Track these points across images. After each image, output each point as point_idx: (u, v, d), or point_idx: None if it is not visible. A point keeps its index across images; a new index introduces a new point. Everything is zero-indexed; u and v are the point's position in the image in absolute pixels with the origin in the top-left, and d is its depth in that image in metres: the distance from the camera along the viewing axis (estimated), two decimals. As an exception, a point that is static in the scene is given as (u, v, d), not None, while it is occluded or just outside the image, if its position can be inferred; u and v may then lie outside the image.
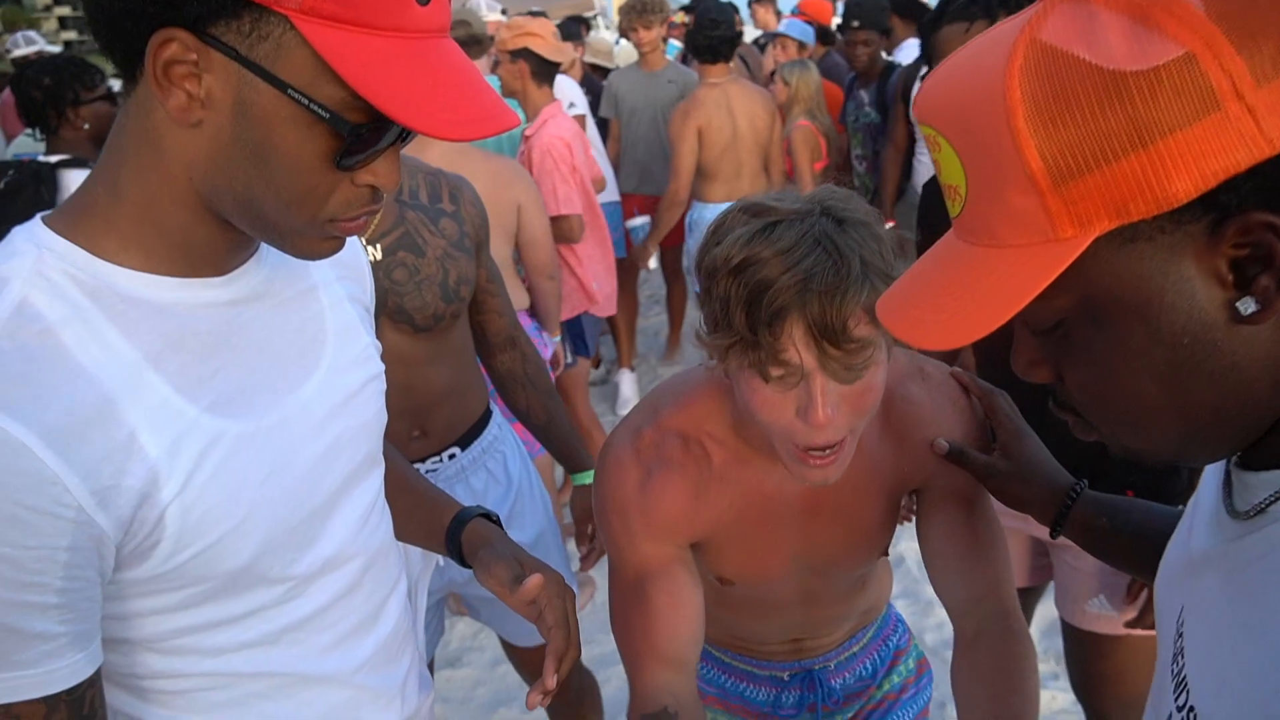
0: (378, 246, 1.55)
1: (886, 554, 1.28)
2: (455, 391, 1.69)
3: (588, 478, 1.82)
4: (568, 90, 4.01)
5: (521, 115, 3.18)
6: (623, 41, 4.93)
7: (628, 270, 4.31)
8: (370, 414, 0.95)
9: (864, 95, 4.19)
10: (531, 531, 1.79)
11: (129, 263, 0.75)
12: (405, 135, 0.73)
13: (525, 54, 3.07)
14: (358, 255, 1.00)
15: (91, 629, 0.74)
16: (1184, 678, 0.61)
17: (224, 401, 0.79)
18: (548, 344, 2.78)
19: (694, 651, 1.10)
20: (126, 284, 0.75)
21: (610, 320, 4.21)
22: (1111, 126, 0.49)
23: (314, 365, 0.88)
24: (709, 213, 3.82)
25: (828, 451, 0.98)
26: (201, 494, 0.76)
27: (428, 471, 1.67)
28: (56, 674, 0.71)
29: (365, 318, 0.98)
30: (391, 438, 1.56)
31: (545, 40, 3.09)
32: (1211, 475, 0.67)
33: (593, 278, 3.31)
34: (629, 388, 4.42)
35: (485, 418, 1.77)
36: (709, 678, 1.42)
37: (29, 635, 0.69)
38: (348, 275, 0.96)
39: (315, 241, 0.77)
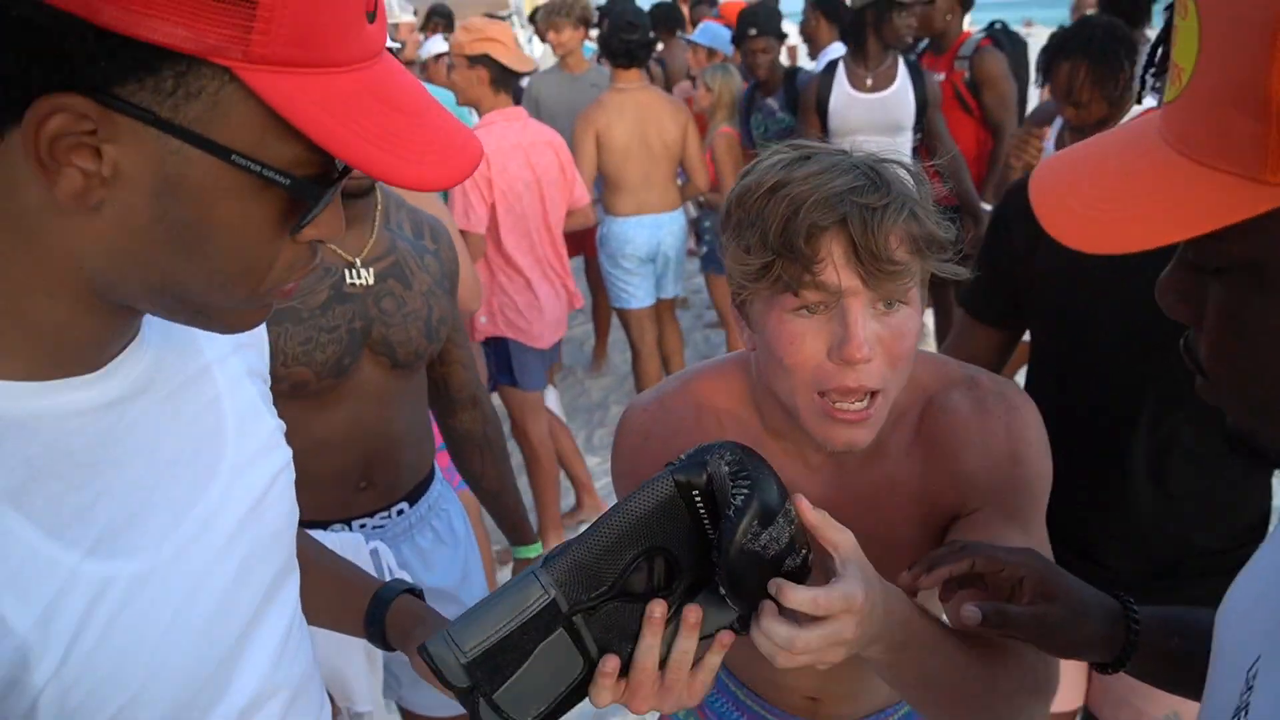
0: (370, 270, 1.45)
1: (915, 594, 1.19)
2: (410, 440, 1.58)
3: (530, 552, 1.78)
4: None
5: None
6: (534, 42, 4.79)
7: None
8: (283, 517, 0.80)
9: (772, 104, 4.13)
10: (480, 594, 1.70)
11: None
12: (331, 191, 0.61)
13: (484, 60, 2.95)
14: None
15: None
16: None
17: (110, 537, 0.63)
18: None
19: None
20: None
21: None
22: None
23: (214, 466, 0.72)
24: (619, 227, 3.73)
25: (858, 405, 0.91)
26: (87, 668, 0.61)
27: (375, 527, 1.55)
28: None
29: (266, 394, 0.83)
30: (337, 489, 1.48)
31: (507, 47, 2.98)
32: None
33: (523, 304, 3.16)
34: (553, 402, 4.31)
35: (431, 473, 1.66)
36: (722, 713, 1.30)
37: None
38: (247, 343, 0.80)
39: (249, 314, 0.65)
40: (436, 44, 5.08)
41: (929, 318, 4.17)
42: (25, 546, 0.59)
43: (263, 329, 0.84)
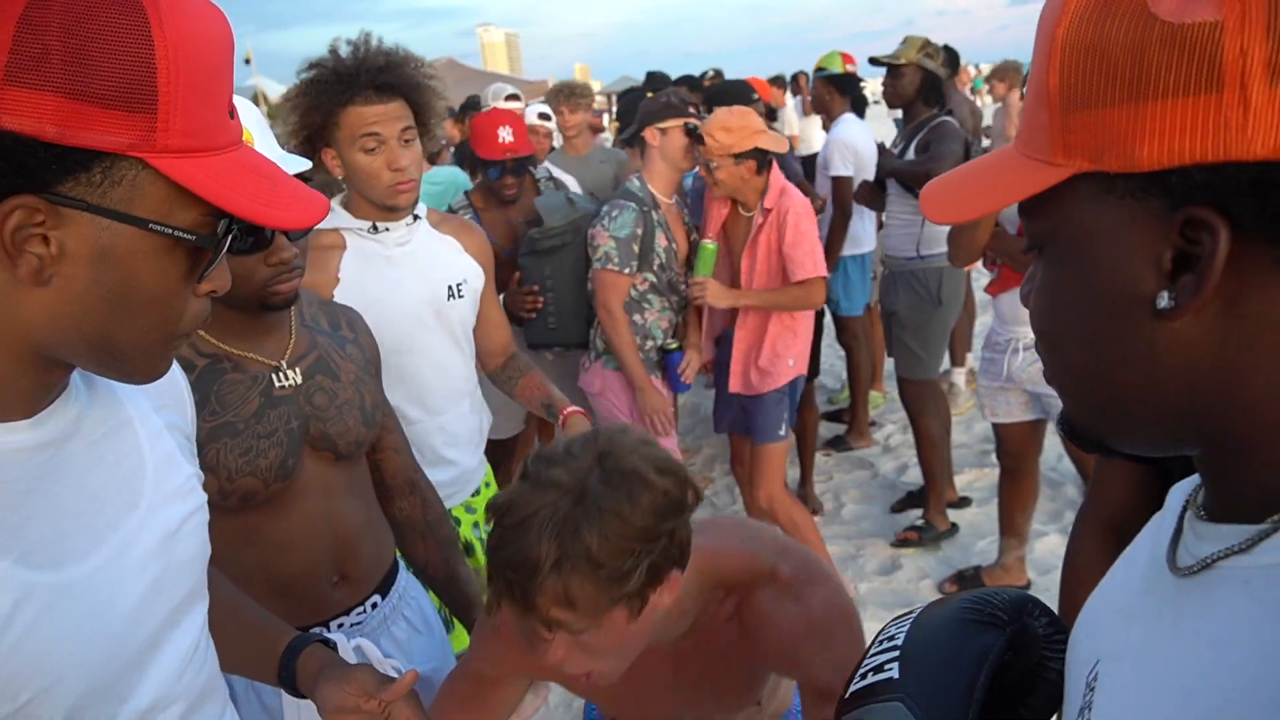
0: (297, 370, 1.45)
1: (759, 704, 1.38)
2: (372, 529, 1.56)
3: None
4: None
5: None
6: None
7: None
8: (194, 549, 0.92)
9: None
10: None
11: None
12: (224, 242, 0.77)
13: (754, 154, 2.99)
14: (175, 382, 0.98)
15: None
16: None
17: (35, 551, 0.75)
18: None
19: None
20: None
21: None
22: (1122, 71, 0.48)
23: (134, 501, 0.85)
24: None
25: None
26: (9, 657, 0.72)
27: (353, 624, 1.52)
28: None
29: (186, 446, 0.96)
30: (312, 588, 1.47)
31: (767, 134, 3.03)
32: (1151, 528, 0.66)
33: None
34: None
35: (396, 563, 1.64)
36: None
37: None
38: (167, 404, 0.94)
39: (161, 362, 0.80)
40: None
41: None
42: None
43: (186, 393, 1.00)
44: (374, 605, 1.56)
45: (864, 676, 0.82)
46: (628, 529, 1.03)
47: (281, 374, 1.43)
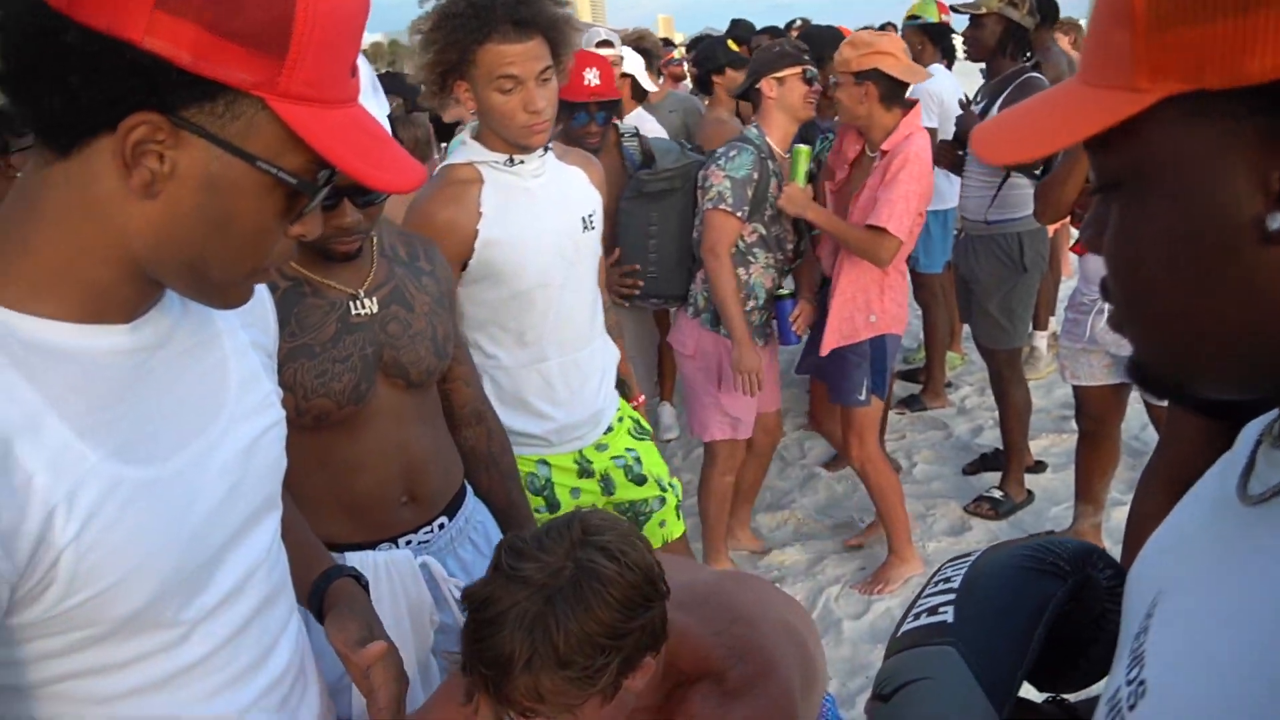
0: (374, 299, 1.49)
1: None
2: (440, 454, 1.61)
3: None
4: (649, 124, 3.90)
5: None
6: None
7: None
8: (270, 459, 0.97)
9: None
10: None
11: (32, 310, 0.77)
12: (322, 192, 0.81)
13: (874, 75, 2.83)
14: (262, 301, 1.03)
15: None
16: (1141, 653, 0.58)
17: (125, 448, 0.80)
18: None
19: None
20: (30, 330, 0.76)
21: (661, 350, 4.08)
22: None
23: (216, 412, 0.91)
24: None
25: None
26: (97, 540, 0.77)
27: (420, 543, 1.58)
28: None
29: (268, 364, 1.01)
30: (381, 507, 1.53)
31: (897, 59, 2.84)
32: (1218, 466, 0.64)
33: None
34: (669, 418, 4.49)
35: (464, 489, 1.69)
36: None
37: None
38: (252, 322, 0.99)
39: (244, 291, 0.85)
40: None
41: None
42: (59, 441, 0.76)
43: (271, 314, 1.05)
44: (440, 526, 1.61)
45: (916, 617, 0.81)
46: (598, 628, 1.05)
47: (359, 302, 1.48)
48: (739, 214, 2.86)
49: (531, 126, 1.88)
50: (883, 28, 8.35)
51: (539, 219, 1.97)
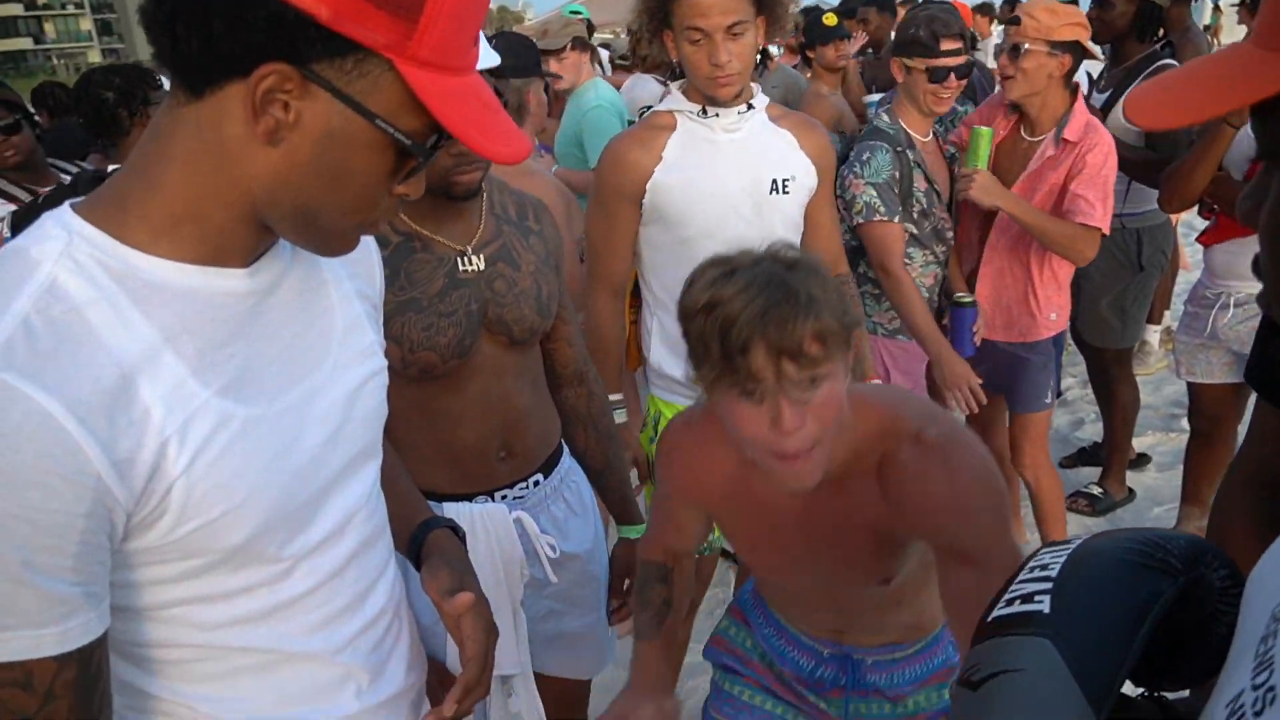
0: (481, 256, 1.53)
1: (888, 583, 1.36)
2: (539, 412, 1.65)
3: (634, 531, 1.82)
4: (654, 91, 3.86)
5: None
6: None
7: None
8: (371, 407, 1.00)
9: None
10: (606, 558, 1.83)
11: (156, 250, 0.80)
12: (432, 155, 0.83)
13: (1074, 48, 2.55)
14: (369, 253, 1.06)
15: (101, 591, 0.79)
16: (1271, 658, 0.55)
17: (235, 386, 0.84)
18: None
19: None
20: (151, 269, 0.80)
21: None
22: None
23: (321, 357, 0.94)
24: None
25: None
26: (207, 472, 0.81)
27: (515, 497, 1.62)
28: (70, 633, 0.75)
29: (372, 314, 1.03)
30: (479, 460, 1.57)
31: (1089, 35, 2.58)
32: None
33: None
34: None
35: (560, 447, 1.72)
36: (764, 633, 1.57)
37: (45, 595, 0.73)
38: (358, 273, 1.02)
39: (351, 241, 0.87)
40: None
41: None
42: (175, 377, 0.80)
43: (377, 265, 1.08)
44: (535, 483, 1.64)
45: (1010, 603, 0.78)
46: (824, 279, 1.11)
47: (466, 258, 1.51)
48: (896, 218, 2.58)
49: (717, 79, 1.91)
50: (1003, 5, 8.04)
51: (715, 172, 1.99)
